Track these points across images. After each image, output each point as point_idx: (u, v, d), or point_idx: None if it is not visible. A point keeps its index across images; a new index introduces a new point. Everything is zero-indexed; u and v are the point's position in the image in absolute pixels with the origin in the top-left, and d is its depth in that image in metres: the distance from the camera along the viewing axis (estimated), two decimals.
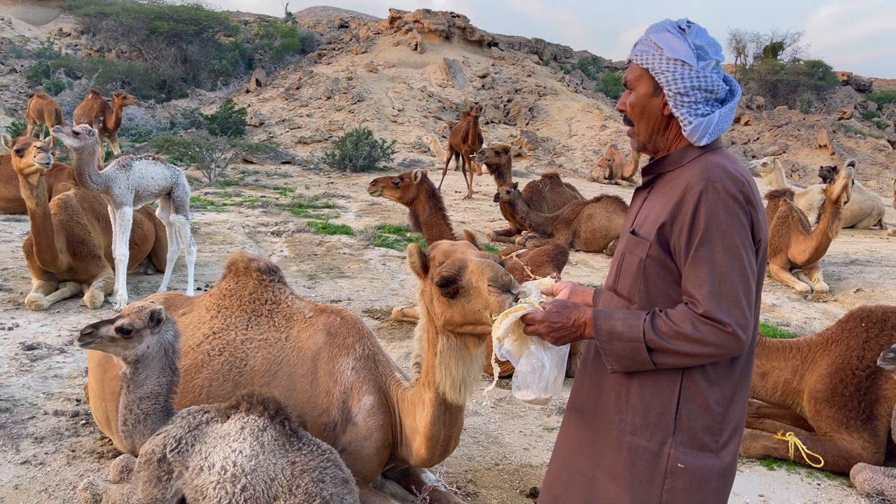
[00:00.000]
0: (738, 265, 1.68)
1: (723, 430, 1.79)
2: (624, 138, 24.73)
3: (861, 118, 37.98)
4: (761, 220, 1.75)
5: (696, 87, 1.79)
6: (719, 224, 1.68)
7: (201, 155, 14.93)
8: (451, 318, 2.42)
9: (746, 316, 1.68)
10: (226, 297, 3.41)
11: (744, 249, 1.69)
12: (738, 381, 1.82)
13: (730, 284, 1.67)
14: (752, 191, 1.74)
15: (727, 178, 1.71)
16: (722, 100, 1.84)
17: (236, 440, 2.69)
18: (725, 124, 1.84)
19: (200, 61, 31.96)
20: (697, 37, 1.82)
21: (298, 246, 9.07)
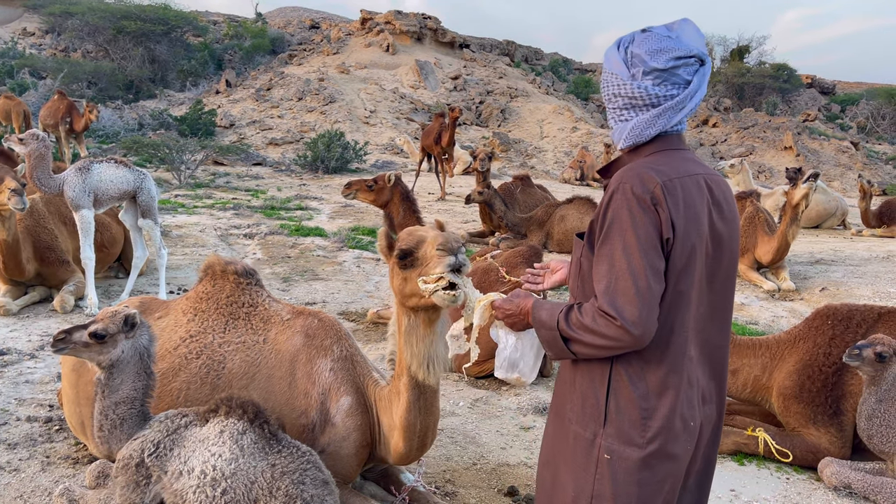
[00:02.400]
0: (635, 263, 1.73)
1: (649, 425, 1.81)
2: (595, 140, 24.99)
3: (825, 120, 38.84)
4: (676, 220, 1.75)
5: (617, 94, 1.91)
6: (620, 223, 1.76)
7: (171, 157, 14.76)
8: (404, 289, 2.61)
9: (640, 312, 1.72)
10: (203, 301, 3.39)
11: (642, 249, 1.73)
12: (667, 378, 1.82)
13: (625, 281, 1.74)
14: (665, 192, 1.75)
15: (637, 180, 1.77)
16: (656, 105, 1.89)
17: (216, 444, 2.68)
18: (647, 129, 1.89)
19: (169, 61, 31.54)
20: (641, 44, 1.87)
21: (271, 248, 9.02)
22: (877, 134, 37.86)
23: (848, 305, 4.19)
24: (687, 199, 1.79)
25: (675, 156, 1.89)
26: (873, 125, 38.88)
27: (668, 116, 1.88)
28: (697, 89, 1.88)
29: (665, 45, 1.85)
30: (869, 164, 28.18)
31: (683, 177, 1.82)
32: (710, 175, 1.93)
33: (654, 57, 1.85)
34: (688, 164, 1.88)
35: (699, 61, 1.88)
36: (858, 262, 9.35)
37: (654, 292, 1.74)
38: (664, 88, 1.86)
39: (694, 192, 1.82)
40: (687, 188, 1.81)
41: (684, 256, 1.78)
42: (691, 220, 1.79)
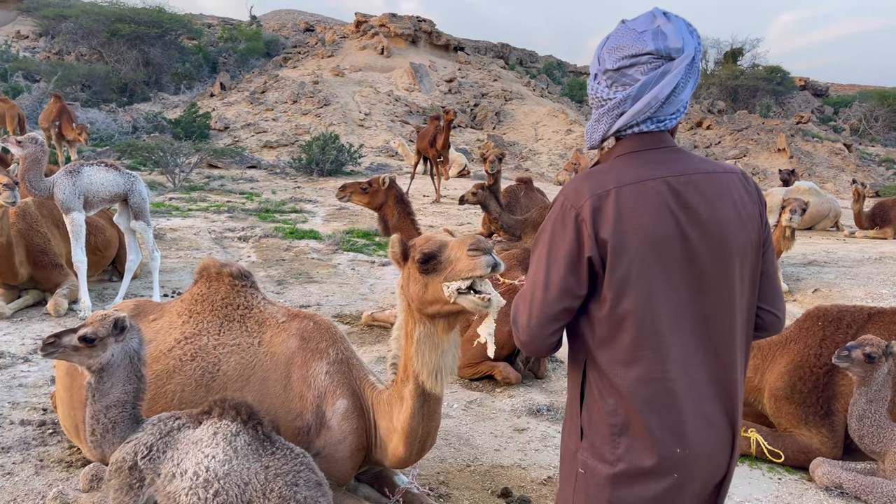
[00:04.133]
0: (540, 276, 1.73)
1: (618, 442, 1.73)
2: None
3: (818, 122, 39.01)
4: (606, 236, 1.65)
5: (588, 94, 1.87)
6: (544, 234, 1.77)
7: (165, 160, 14.74)
8: (424, 296, 2.56)
9: (529, 321, 1.74)
10: (198, 303, 3.40)
11: (550, 264, 1.71)
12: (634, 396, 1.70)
13: (527, 288, 1.77)
14: (594, 208, 1.67)
15: (572, 193, 1.73)
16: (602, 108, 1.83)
17: (209, 446, 2.69)
18: (592, 134, 1.83)
19: (163, 64, 31.47)
20: (609, 40, 1.79)
21: (266, 251, 9.02)
22: (870, 136, 38.05)
23: (838, 306, 4.22)
24: (627, 209, 1.67)
25: (636, 159, 1.76)
26: (866, 127, 39.09)
27: (606, 121, 1.79)
28: (647, 88, 1.72)
29: (622, 42, 1.75)
30: (862, 165, 28.33)
31: (630, 184, 1.69)
32: (683, 176, 1.73)
33: (610, 55, 1.77)
34: (651, 167, 1.73)
35: (661, 58, 1.71)
36: (851, 263, 9.40)
37: (545, 307, 1.72)
38: (613, 90, 1.77)
39: (642, 201, 1.68)
40: (631, 197, 1.68)
41: (622, 272, 1.66)
42: (630, 231, 1.66)
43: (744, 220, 1.77)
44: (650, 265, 1.67)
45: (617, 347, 1.71)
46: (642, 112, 1.74)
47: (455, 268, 2.42)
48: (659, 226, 1.67)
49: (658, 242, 1.67)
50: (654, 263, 1.67)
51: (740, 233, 1.75)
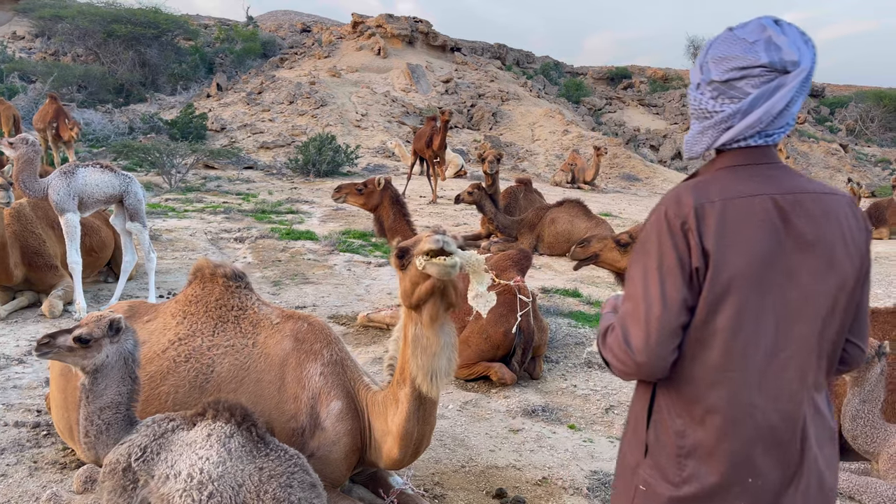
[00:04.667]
0: (652, 291, 1.65)
1: (685, 464, 1.68)
2: (585, 143, 25.06)
3: (814, 123, 39.10)
4: (709, 247, 1.60)
5: (690, 104, 1.80)
6: (646, 247, 1.69)
7: (161, 160, 14.72)
8: (406, 287, 2.63)
9: (646, 341, 1.64)
10: (192, 304, 3.39)
11: (661, 276, 1.64)
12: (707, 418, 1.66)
13: (637, 306, 1.67)
14: (699, 217, 1.61)
15: (673, 202, 1.66)
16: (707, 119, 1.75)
17: (203, 447, 2.69)
18: (694, 146, 1.77)
19: (160, 65, 31.42)
20: (715, 48, 1.71)
21: (262, 252, 9.01)
22: (865, 136, 38.15)
23: None
24: (732, 223, 1.61)
25: (741, 173, 1.69)
26: (862, 128, 39.18)
27: (710, 135, 1.72)
28: (759, 103, 1.65)
29: (731, 52, 1.67)
30: (858, 166, 28.40)
31: (737, 198, 1.62)
32: (791, 195, 1.65)
33: (717, 65, 1.69)
34: (756, 182, 1.66)
35: (774, 71, 1.63)
36: None
37: (665, 322, 1.63)
38: (718, 102, 1.70)
39: (747, 217, 1.62)
40: (737, 211, 1.62)
41: (720, 288, 1.61)
42: (732, 246, 1.60)
43: (849, 247, 1.67)
44: (749, 283, 1.61)
45: (700, 366, 1.66)
46: (752, 127, 1.67)
47: (419, 248, 2.52)
48: (762, 244, 1.61)
49: (760, 261, 1.61)
50: (753, 282, 1.61)
51: (844, 260, 1.66)
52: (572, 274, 8.94)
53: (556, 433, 4.34)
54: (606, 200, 17.01)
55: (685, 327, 1.65)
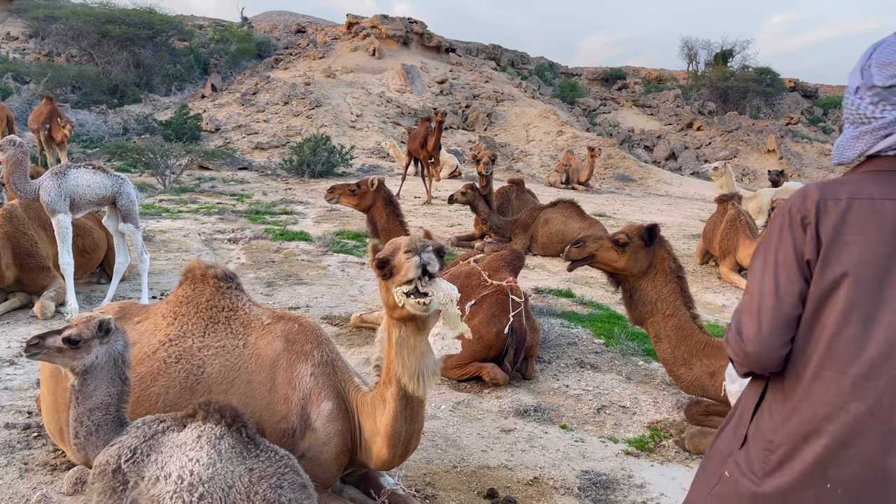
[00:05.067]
0: (767, 282, 1.68)
1: (770, 459, 1.69)
2: (580, 144, 25.12)
3: (807, 123, 39.24)
4: (826, 241, 1.60)
5: (845, 104, 1.77)
6: (769, 240, 1.72)
7: (155, 161, 14.69)
8: (388, 300, 2.63)
9: (757, 331, 1.67)
10: (182, 305, 3.39)
11: (776, 268, 1.67)
12: (794, 415, 1.66)
13: (752, 298, 1.71)
14: (820, 211, 1.62)
15: (797, 196, 1.68)
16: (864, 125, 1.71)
17: (193, 449, 2.68)
18: (847, 151, 1.73)
19: (154, 66, 31.36)
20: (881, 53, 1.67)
21: (256, 253, 9.00)
22: None
23: None
24: (854, 222, 1.59)
25: (883, 177, 1.65)
26: None
27: (867, 140, 1.68)
28: None
29: (879, 60, 1.64)
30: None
31: (866, 199, 1.60)
32: None
33: (881, 71, 1.64)
34: (893, 187, 1.62)
35: None
36: None
37: (778, 312, 1.65)
38: (879, 109, 1.65)
39: (873, 218, 1.58)
40: (862, 211, 1.59)
41: (828, 283, 1.60)
42: (849, 244, 1.58)
43: None
44: (862, 285, 1.58)
45: (803, 362, 1.66)
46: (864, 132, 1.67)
47: (400, 273, 2.53)
48: (882, 248, 1.57)
49: (876, 266, 1.57)
50: (866, 284, 1.58)
51: None
52: (566, 274, 8.95)
53: (548, 433, 4.35)
54: (601, 201, 17.04)
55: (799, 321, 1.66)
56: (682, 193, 21.57)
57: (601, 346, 6.04)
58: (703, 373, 4.35)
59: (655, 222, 4.55)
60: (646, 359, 5.81)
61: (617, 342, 6.14)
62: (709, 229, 9.38)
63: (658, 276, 4.45)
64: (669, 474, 3.93)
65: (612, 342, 6.14)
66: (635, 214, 14.99)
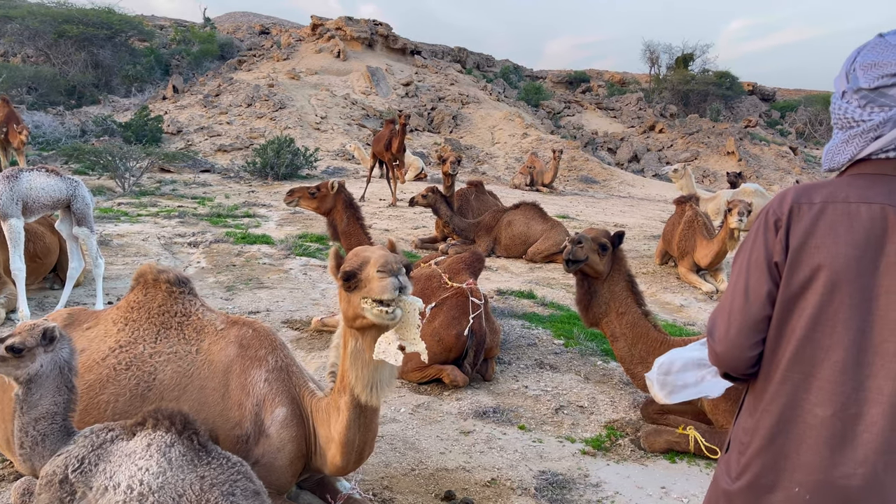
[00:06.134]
0: (739, 283, 1.70)
1: (741, 461, 1.71)
2: (544, 146, 25.33)
3: (765, 126, 40.11)
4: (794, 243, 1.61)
5: (832, 111, 1.76)
6: (746, 242, 1.74)
7: (114, 164, 14.41)
8: (348, 311, 2.65)
9: (726, 331, 1.70)
10: (133, 310, 3.34)
11: (749, 269, 1.68)
12: (763, 417, 1.67)
13: (726, 297, 1.74)
14: (793, 214, 1.62)
15: (776, 199, 1.69)
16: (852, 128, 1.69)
17: (142, 457, 2.65)
18: (836, 156, 1.71)
19: (113, 67, 30.80)
20: (865, 55, 1.67)
21: (216, 257, 8.89)
22: (814, 139, 39.31)
23: None
24: (826, 225, 1.58)
25: (864, 180, 1.64)
26: (811, 131, 40.37)
27: (856, 143, 1.66)
28: None
29: (882, 59, 1.61)
30: (807, 168, 29.21)
31: (840, 202, 1.59)
32: None
33: (866, 73, 1.64)
34: (872, 191, 1.60)
35: None
36: None
37: (746, 314, 1.67)
38: (867, 111, 1.64)
39: (845, 221, 1.57)
40: (836, 214, 1.58)
41: (796, 286, 1.60)
42: (818, 247, 1.58)
43: None
44: (828, 290, 1.57)
45: (770, 364, 1.68)
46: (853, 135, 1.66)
47: (369, 287, 2.54)
48: (852, 251, 1.56)
49: (846, 269, 1.56)
50: (833, 290, 1.57)
51: None
52: (528, 276, 9.02)
53: (507, 434, 4.38)
54: (564, 203, 17.20)
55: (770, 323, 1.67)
56: (644, 195, 21.89)
57: (561, 347, 6.10)
58: None
59: (622, 229, 4.67)
60: (604, 359, 5.88)
61: (576, 343, 6.20)
62: (668, 230, 9.53)
63: (613, 277, 4.56)
64: (624, 473, 3.99)
65: (571, 343, 6.21)
66: (598, 216, 15.17)
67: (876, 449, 1.55)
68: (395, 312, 2.52)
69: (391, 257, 2.58)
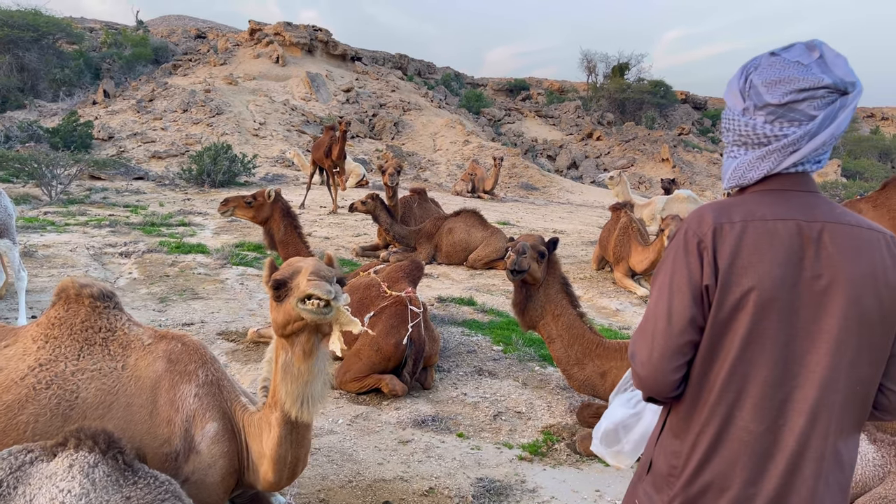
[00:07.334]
0: (661, 306, 1.66)
1: (673, 484, 1.69)
2: (485, 153, 25.55)
3: (698, 133, 41.47)
4: (722, 266, 1.60)
5: (728, 128, 1.75)
6: (665, 264, 1.70)
7: (40, 171, 13.85)
8: (279, 318, 2.63)
9: (650, 355, 1.66)
10: (54, 327, 3.21)
11: (672, 292, 1.65)
12: (699, 440, 1.66)
13: (646, 320, 1.70)
14: (716, 235, 1.61)
15: (693, 220, 1.68)
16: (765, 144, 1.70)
17: (64, 479, 2.55)
18: (749, 172, 1.71)
19: (40, 70, 29.59)
20: (763, 72, 1.68)
21: (149, 267, 8.64)
22: None
23: None
24: (749, 245, 1.59)
25: (772, 197, 1.67)
26: None
27: (773, 159, 1.67)
28: (826, 125, 1.63)
29: (787, 75, 1.64)
30: None
31: (759, 220, 1.61)
32: (819, 223, 1.62)
33: (771, 89, 1.65)
34: (784, 206, 1.64)
35: (835, 92, 1.61)
36: None
37: (668, 338, 1.64)
38: (777, 126, 1.66)
39: (767, 239, 1.60)
40: (756, 233, 1.60)
41: (728, 308, 1.59)
42: (746, 268, 1.58)
43: (879, 287, 1.59)
44: (760, 308, 1.58)
45: (705, 387, 1.65)
46: (817, 150, 1.65)
47: (300, 290, 2.53)
48: (777, 270, 1.58)
49: (773, 287, 1.57)
50: (763, 308, 1.58)
51: (871, 300, 1.58)
52: (468, 283, 9.07)
53: (445, 442, 4.39)
54: (505, 209, 17.38)
55: (696, 347, 1.64)
56: (582, 201, 22.31)
57: (499, 353, 6.16)
58: (594, 373, 4.53)
59: (556, 236, 4.76)
60: (541, 364, 5.96)
61: (515, 349, 6.27)
62: (604, 236, 9.74)
63: (549, 281, 4.65)
64: (561, 477, 4.04)
65: (510, 349, 6.27)
66: (538, 222, 15.38)
67: (801, 455, 1.59)
68: (329, 310, 2.50)
69: (324, 267, 2.57)
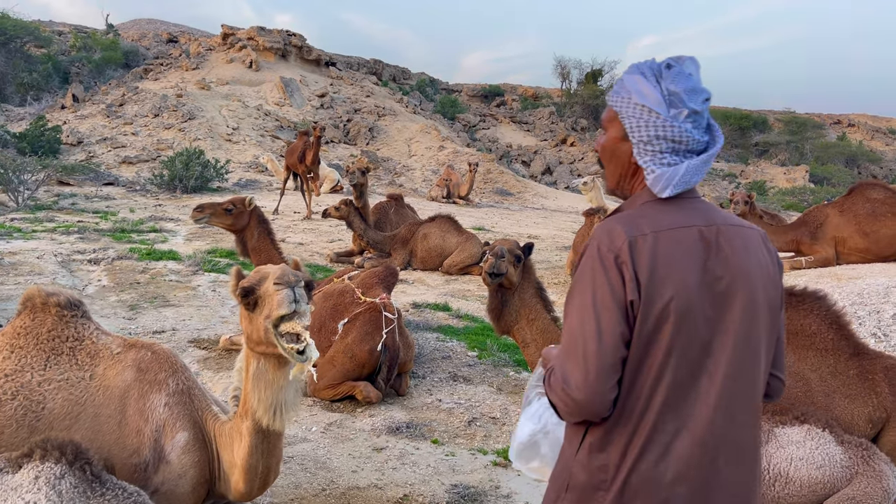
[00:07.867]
0: (588, 326, 1.63)
1: (603, 498, 1.67)
2: (460, 159, 25.62)
3: None
4: (643, 279, 1.61)
5: (660, 136, 1.72)
6: (582, 283, 1.67)
7: (7, 177, 13.59)
8: (251, 333, 2.59)
9: (585, 377, 1.61)
10: (20, 336, 3.14)
11: (597, 311, 1.62)
12: (628, 453, 1.65)
13: (574, 344, 1.65)
14: (632, 249, 1.61)
15: (605, 237, 1.66)
16: (698, 151, 1.74)
17: (30, 491, 2.50)
18: (695, 177, 1.72)
19: (7, 74, 29.07)
20: (675, 81, 1.71)
21: (119, 274, 8.51)
22: None
23: None
24: (663, 255, 1.62)
25: (667, 205, 1.72)
26: None
27: (709, 164, 1.75)
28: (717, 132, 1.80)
29: (695, 85, 1.73)
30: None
31: (666, 230, 1.65)
32: (714, 227, 1.69)
33: (691, 97, 1.71)
34: (682, 214, 1.70)
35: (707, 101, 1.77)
36: None
37: (602, 357, 1.61)
38: (699, 132, 1.74)
39: (678, 248, 1.64)
40: (667, 243, 1.63)
41: (653, 320, 1.61)
42: (664, 279, 1.61)
43: (766, 281, 1.71)
44: (679, 318, 1.61)
45: (631, 400, 1.64)
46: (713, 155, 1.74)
47: (269, 304, 2.48)
48: (690, 277, 1.62)
49: (688, 295, 1.61)
50: (682, 316, 1.61)
51: (761, 293, 1.69)
52: (443, 288, 9.07)
53: (420, 449, 4.38)
54: (480, 215, 17.43)
55: (624, 362, 1.63)
56: (557, 207, 22.45)
57: (474, 359, 6.16)
58: None
59: (532, 241, 4.75)
60: (516, 369, 5.98)
61: (489, 354, 6.28)
62: (578, 241, 9.81)
63: (524, 285, 4.63)
64: (535, 483, 4.05)
65: (485, 354, 6.28)
66: (513, 228, 15.44)
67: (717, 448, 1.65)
68: (307, 349, 2.44)
69: (289, 271, 2.54)
